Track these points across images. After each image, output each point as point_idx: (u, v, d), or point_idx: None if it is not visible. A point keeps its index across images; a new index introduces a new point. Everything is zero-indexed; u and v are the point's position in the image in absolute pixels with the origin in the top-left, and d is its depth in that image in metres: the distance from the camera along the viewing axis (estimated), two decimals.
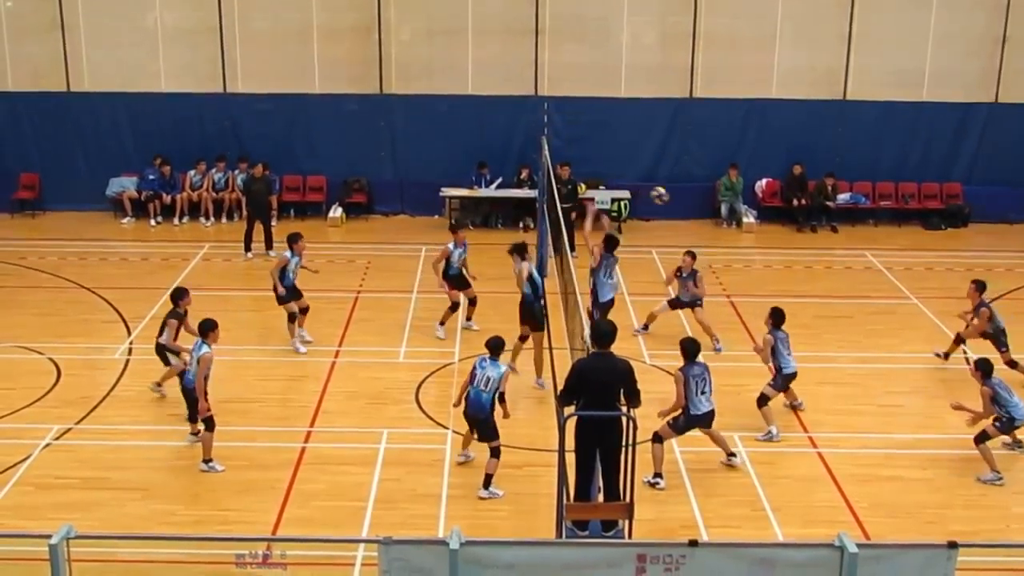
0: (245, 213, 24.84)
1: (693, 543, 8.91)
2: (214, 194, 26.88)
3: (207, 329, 14.90)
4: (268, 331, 19.52)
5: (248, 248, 23.93)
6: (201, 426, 14.89)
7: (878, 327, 20.26)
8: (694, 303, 19.42)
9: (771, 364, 16.29)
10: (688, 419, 14.69)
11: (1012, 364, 17.81)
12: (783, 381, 16.27)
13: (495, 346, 14.65)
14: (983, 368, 15.20)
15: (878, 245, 25.83)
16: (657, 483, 14.56)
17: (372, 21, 26.87)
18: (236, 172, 26.82)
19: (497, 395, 14.33)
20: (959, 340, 18.67)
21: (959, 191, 27.93)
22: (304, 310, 18.99)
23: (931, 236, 27.04)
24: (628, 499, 11.60)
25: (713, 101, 27.37)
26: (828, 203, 27.19)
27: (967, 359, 18.22)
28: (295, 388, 17.45)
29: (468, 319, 20.00)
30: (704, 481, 14.80)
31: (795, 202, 27.16)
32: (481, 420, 14.38)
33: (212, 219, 26.79)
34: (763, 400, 16.04)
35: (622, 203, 26.70)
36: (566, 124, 26.59)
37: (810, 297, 21.92)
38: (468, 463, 14.95)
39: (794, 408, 16.79)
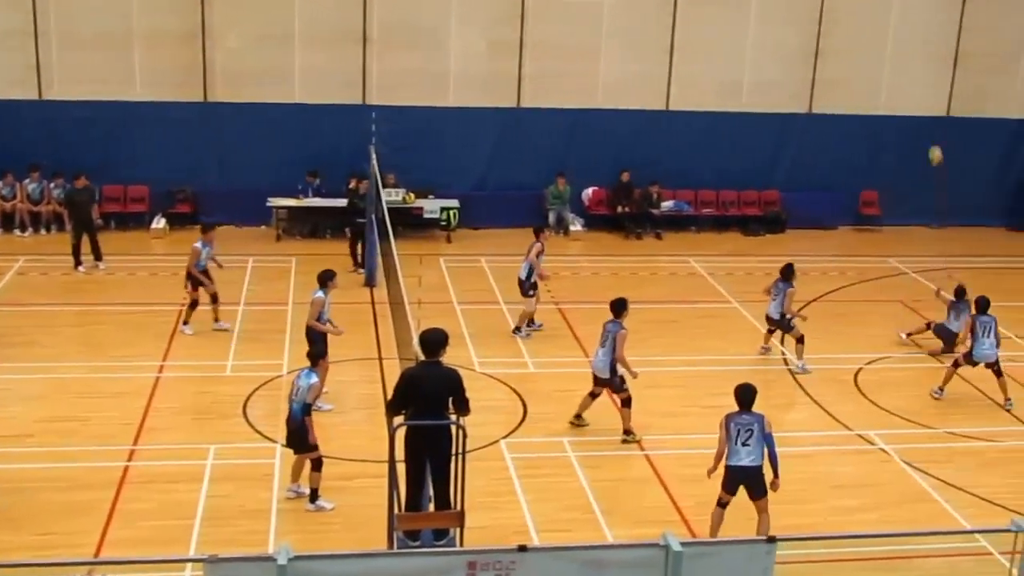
0: (70, 226, 24.01)
1: (522, 548, 8.99)
2: (30, 205, 25.96)
3: None
4: (90, 347, 18.97)
5: (78, 262, 23.20)
6: None
7: (702, 331, 20.78)
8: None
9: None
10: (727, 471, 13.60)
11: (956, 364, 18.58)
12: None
13: (312, 357, 14.67)
14: (981, 304, 18.06)
15: (701, 251, 26.50)
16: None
17: (196, 27, 26.35)
18: (52, 185, 25.96)
19: (303, 406, 14.11)
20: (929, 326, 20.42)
21: (777, 198, 28.89)
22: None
23: (751, 242, 27.88)
24: (459, 507, 11.64)
25: (541, 110, 27.70)
26: (653, 211, 27.78)
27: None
28: (119, 405, 16.96)
29: (216, 320, 20.07)
30: (536, 486, 14.94)
31: (621, 210, 27.66)
32: (292, 431, 14.26)
33: (29, 230, 25.86)
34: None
35: (451, 212, 26.78)
36: (394, 132, 26.55)
37: (637, 303, 22.11)
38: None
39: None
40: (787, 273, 19.39)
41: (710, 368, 19.38)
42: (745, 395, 13.46)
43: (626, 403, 16.30)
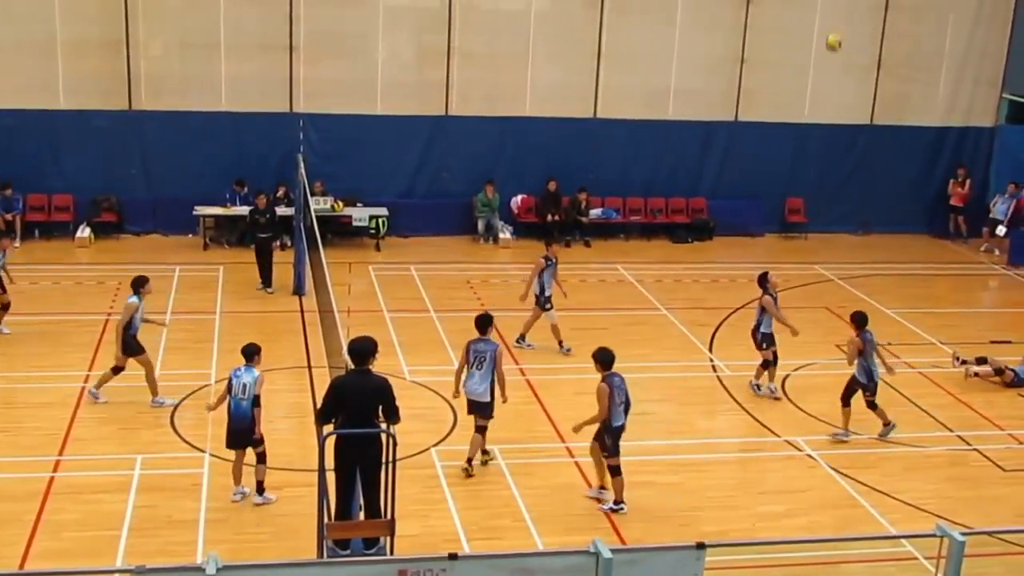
0: None
1: (453, 556, 9.00)
2: None
3: None
4: (14, 357, 18.66)
5: None
6: None
7: (631, 337, 20.90)
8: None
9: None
10: (611, 433, 14.56)
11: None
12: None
13: (249, 353, 14.58)
14: (858, 319, 16.75)
15: (629, 258, 26.68)
16: (620, 509, 14.73)
17: (120, 35, 26.02)
18: None
19: (252, 400, 14.24)
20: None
21: (704, 205, 29.16)
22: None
23: (679, 249, 28.11)
24: (389, 516, 11.63)
25: (469, 118, 27.70)
26: (581, 218, 27.93)
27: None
28: (42, 415, 16.73)
29: None
30: (466, 493, 14.97)
31: (550, 217, 27.76)
32: (240, 429, 14.29)
33: None
34: None
35: (380, 220, 26.71)
36: (322, 140, 26.43)
37: (566, 310, 22.38)
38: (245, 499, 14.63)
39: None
40: (760, 282, 18.85)
41: (639, 375, 19.42)
42: (609, 355, 14.67)
43: (483, 430, 15.64)
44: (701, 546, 9.27)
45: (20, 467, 15.14)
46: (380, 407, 11.93)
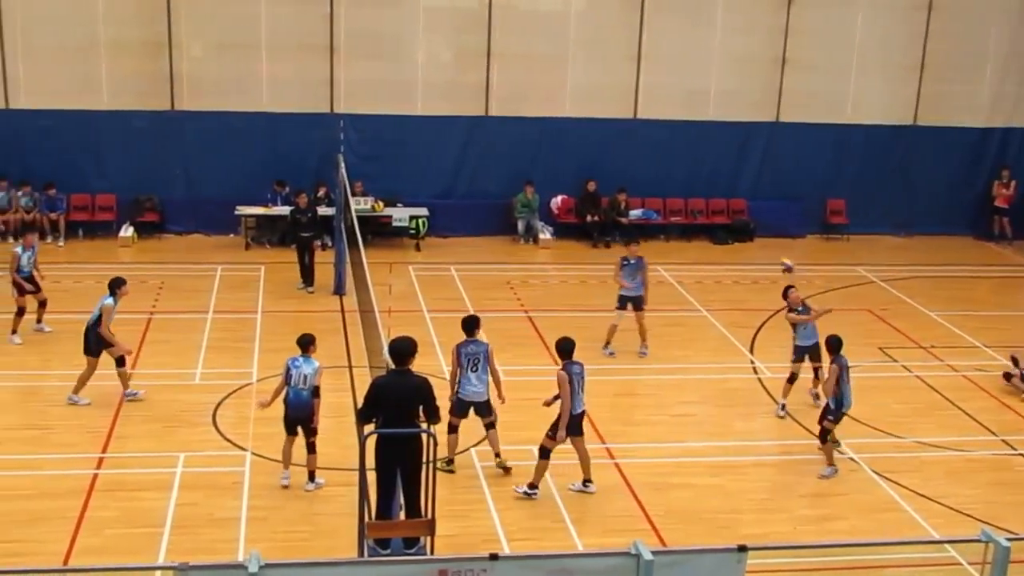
0: None
1: (493, 557, 9.00)
2: None
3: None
4: (58, 356, 18.83)
5: None
6: None
7: (670, 339, 20.84)
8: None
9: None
10: (571, 419, 14.73)
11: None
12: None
13: (305, 342, 14.73)
14: (833, 344, 15.96)
15: (669, 259, 26.59)
16: (534, 494, 14.76)
17: (162, 36, 26.23)
18: (20, 194, 25.83)
19: (312, 390, 14.51)
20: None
21: (744, 207, 29.02)
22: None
23: (719, 250, 28.00)
24: (430, 516, 11.65)
25: (508, 119, 27.71)
26: (621, 219, 27.86)
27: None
28: (86, 413, 16.87)
29: (39, 321, 19.97)
30: (506, 494, 14.95)
31: (589, 218, 27.73)
32: (306, 417, 14.55)
33: None
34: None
35: (420, 220, 26.77)
36: (362, 141, 26.50)
37: (605, 311, 22.35)
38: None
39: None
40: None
41: (678, 376, 19.46)
42: (569, 344, 14.89)
43: (493, 425, 15.59)
44: (743, 549, 9.22)
45: (63, 464, 15.27)
46: (421, 407, 11.95)
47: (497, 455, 15.51)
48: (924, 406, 18.34)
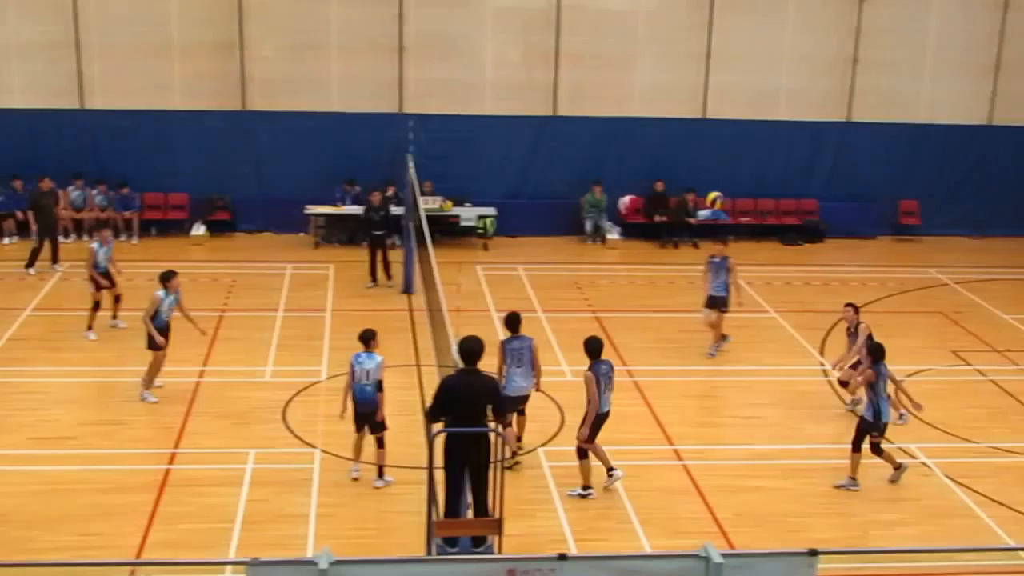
0: (35, 229, 24.23)
1: (562, 556, 8.97)
2: (73, 212, 26.24)
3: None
4: (131, 352, 19.08)
5: (32, 264, 23.56)
6: None
7: (739, 340, 20.67)
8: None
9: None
10: (596, 419, 14.75)
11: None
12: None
13: (367, 337, 14.86)
14: (874, 350, 15.40)
15: (738, 260, 26.10)
16: (589, 494, 14.76)
17: (234, 36, 26.55)
18: (94, 192, 26.27)
19: (375, 384, 14.65)
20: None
21: (815, 207, 28.74)
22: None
23: (789, 251, 27.76)
24: (497, 515, 11.65)
25: (576, 119, 27.70)
26: (689, 219, 27.71)
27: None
28: (159, 409, 17.10)
29: (114, 318, 20.30)
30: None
31: (657, 218, 27.62)
32: (371, 412, 14.70)
33: (72, 236, 26.12)
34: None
35: (488, 220, 26.83)
36: (431, 141, 26.60)
37: (673, 312, 22.32)
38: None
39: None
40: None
41: (747, 378, 19.32)
42: (597, 343, 14.86)
43: (523, 412, 15.70)
44: (813, 553, 9.11)
45: (137, 459, 15.49)
46: (489, 406, 11.96)
47: (519, 438, 15.75)
48: (999, 411, 18.04)
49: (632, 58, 27.87)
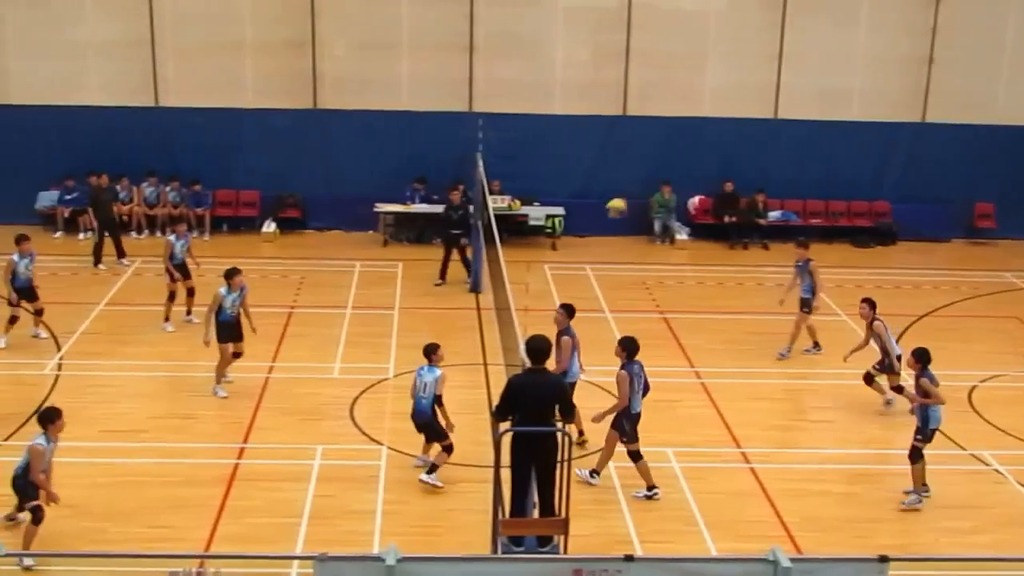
0: (96, 225, 24.57)
1: (629, 558, 8.93)
2: (146, 208, 26.64)
3: (47, 420, 13.16)
4: (201, 347, 19.29)
5: (98, 261, 23.94)
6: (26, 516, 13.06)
7: (808, 343, 20.46)
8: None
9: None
10: (630, 419, 14.73)
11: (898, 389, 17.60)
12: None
13: (428, 352, 14.96)
14: (920, 357, 14.96)
15: None
16: (655, 494, 14.79)
17: (305, 35, 26.78)
18: (168, 189, 26.64)
19: (435, 399, 14.68)
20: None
21: (887, 209, 28.39)
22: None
23: (860, 253, 27.43)
24: (563, 514, 11.63)
25: (646, 118, 27.59)
26: (759, 220, 27.50)
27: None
28: (228, 404, 17.29)
29: (188, 313, 20.61)
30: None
31: (727, 219, 27.44)
32: (425, 424, 14.77)
33: (145, 232, 26.54)
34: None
35: (556, 219, 26.81)
36: (500, 140, 26.62)
37: (741, 313, 22.16)
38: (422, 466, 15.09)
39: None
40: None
41: (816, 381, 19.13)
42: (633, 344, 14.86)
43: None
44: (884, 559, 9.00)
45: (207, 453, 15.67)
46: (557, 406, 11.94)
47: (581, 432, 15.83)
48: None
49: (703, 57, 27.72)
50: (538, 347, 12.15)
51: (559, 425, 11.89)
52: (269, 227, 26.93)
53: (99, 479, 14.86)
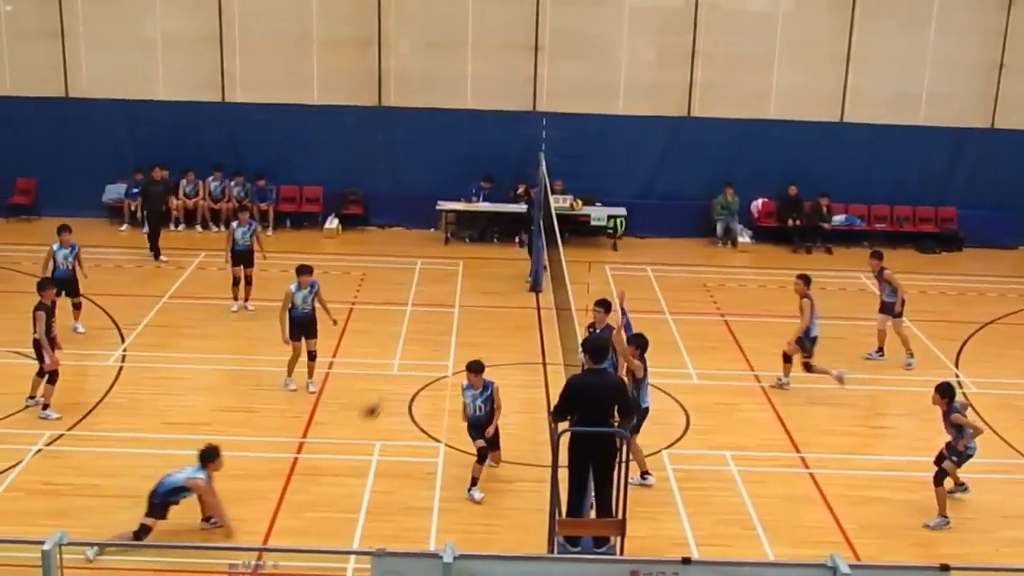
0: (145, 216, 24.96)
1: (686, 560, 8.92)
2: (211, 203, 26.95)
3: (207, 459, 13.55)
4: (262, 341, 19.51)
5: (159, 254, 24.31)
6: None
7: (869, 348, 20.26)
8: None
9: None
10: (640, 414, 14.68)
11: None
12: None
13: (476, 368, 14.75)
14: (945, 391, 14.65)
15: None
16: (647, 481, 14.91)
17: (372, 33, 26.95)
18: (232, 183, 26.93)
19: (488, 414, 14.70)
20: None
21: (954, 215, 28.03)
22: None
23: (925, 259, 27.11)
24: (620, 516, 11.62)
25: (710, 120, 27.47)
26: (823, 224, 27.27)
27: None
28: (288, 398, 17.43)
29: (245, 299, 21.24)
30: (695, 499, 14.79)
31: (790, 222, 27.24)
32: (477, 426, 14.75)
33: (211, 226, 26.87)
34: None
35: (618, 220, 26.76)
36: (563, 140, 26.61)
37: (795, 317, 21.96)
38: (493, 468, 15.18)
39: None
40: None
41: (877, 387, 18.93)
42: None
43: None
44: (945, 568, 8.91)
45: (266, 447, 15.79)
46: (616, 407, 11.92)
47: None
48: None
49: (769, 59, 27.53)
50: (598, 347, 12.13)
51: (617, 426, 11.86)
52: (332, 223, 27.12)
53: (162, 470, 14.91)
